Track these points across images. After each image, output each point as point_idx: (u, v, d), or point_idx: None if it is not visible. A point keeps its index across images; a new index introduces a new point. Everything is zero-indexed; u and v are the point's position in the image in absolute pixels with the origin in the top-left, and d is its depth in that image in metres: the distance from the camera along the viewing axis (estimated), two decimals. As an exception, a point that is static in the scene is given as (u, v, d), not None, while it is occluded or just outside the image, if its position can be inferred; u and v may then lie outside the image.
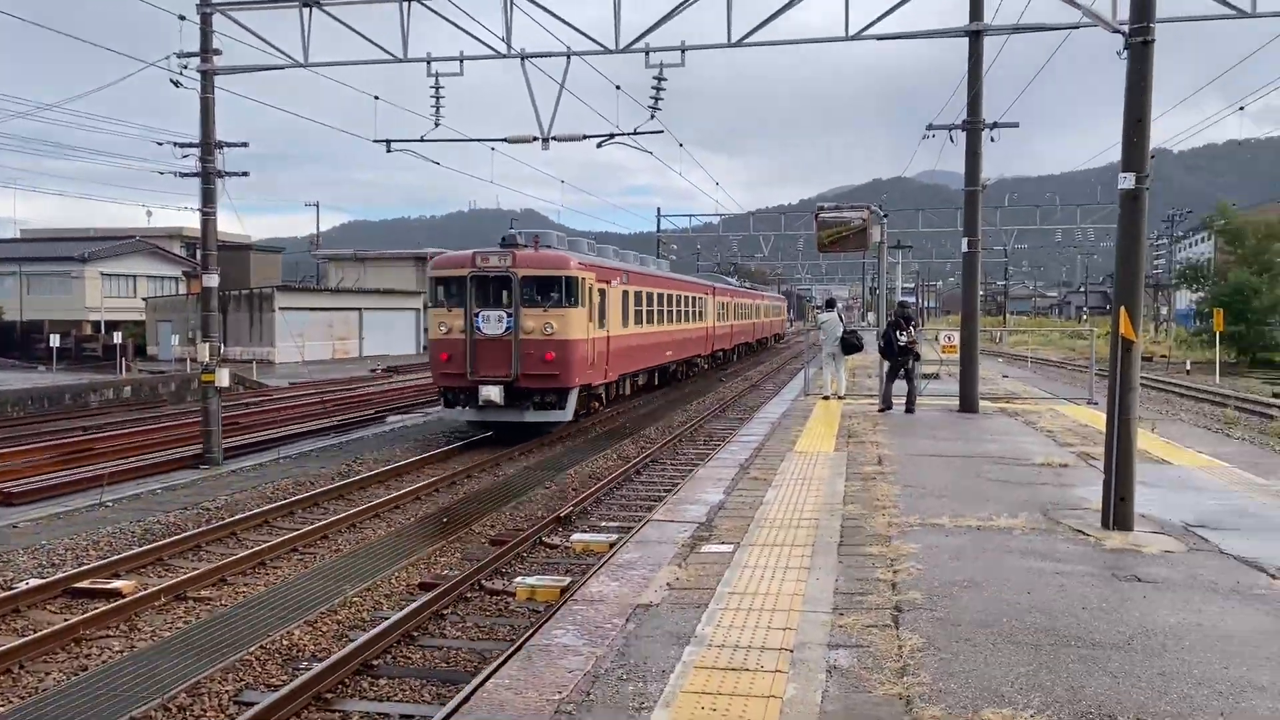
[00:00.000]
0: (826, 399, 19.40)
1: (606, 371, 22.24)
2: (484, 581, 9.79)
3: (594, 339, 20.94)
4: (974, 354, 17.24)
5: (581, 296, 20.17)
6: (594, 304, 21.07)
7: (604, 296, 22.01)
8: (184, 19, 16.45)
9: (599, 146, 19.17)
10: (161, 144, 18.34)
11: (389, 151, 19.63)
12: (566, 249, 21.96)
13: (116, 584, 9.74)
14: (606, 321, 22.15)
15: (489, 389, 19.02)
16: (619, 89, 18.35)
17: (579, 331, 20.05)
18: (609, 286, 22.56)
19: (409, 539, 11.63)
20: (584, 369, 20.36)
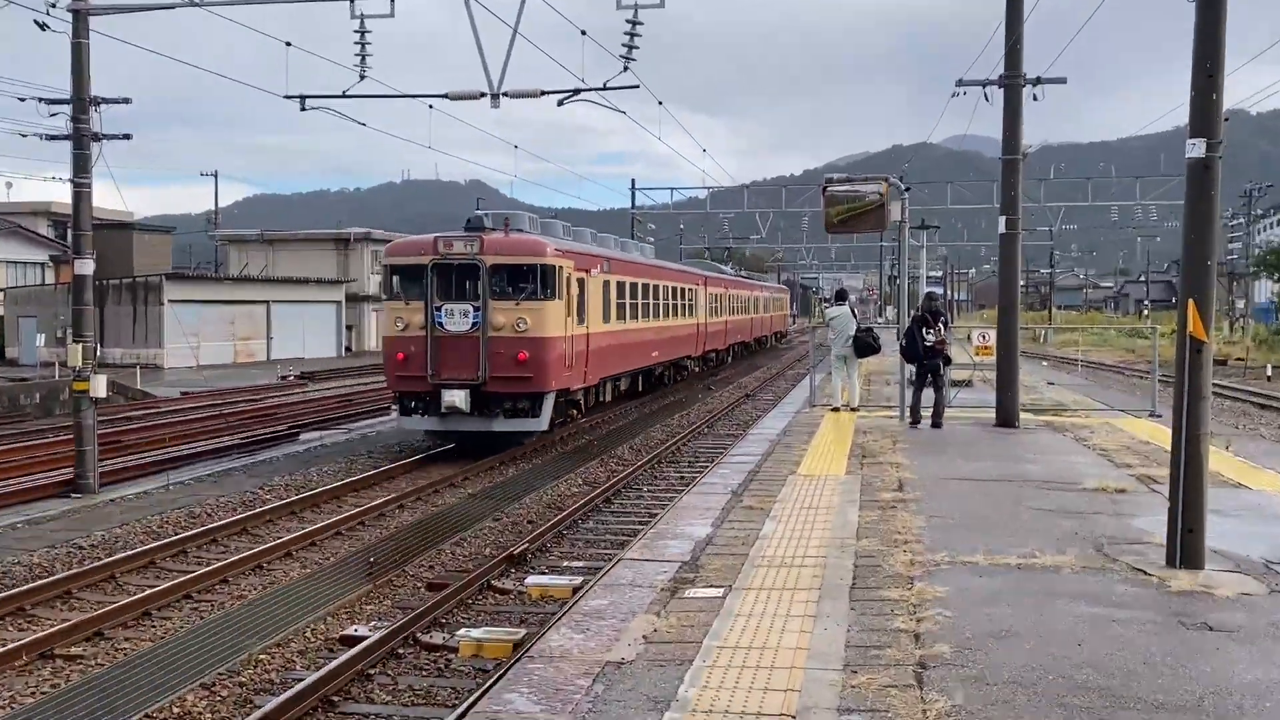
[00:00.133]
0: (836, 411, 19.50)
1: (586, 374, 22.67)
2: (420, 634, 9.76)
3: (572, 336, 21.40)
4: (1013, 356, 17.38)
5: (559, 288, 20.64)
6: (572, 296, 21.55)
7: (583, 288, 22.46)
8: (51, -54, 16.32)
9: (560, 105, 19.20)
10: (24, 100, 18.20)
11: (304, 110, 19.58)
12: (539, 232, 22.33)
13: (-34, 640, 9.61)
14: (586, 316, 22.58)
15: (453, 394, 19.53)
16: (585, 34, 18.36)
17: (556, 328, 20.52)
18: (588, 276, 23.01)
19: (328, 583, 11.57)
20: (561, 371, 20.82)
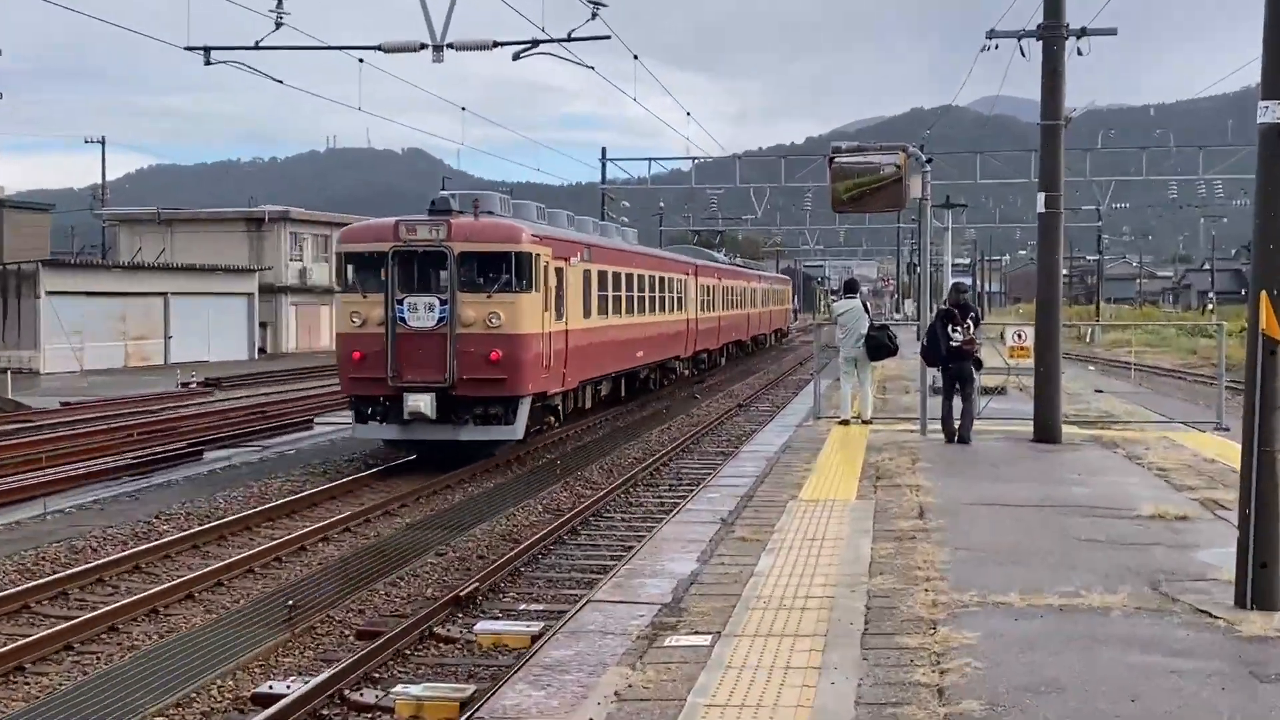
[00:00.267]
0: (845, 424, 19.56)
1: (564, 377, 23.27)
2: (349, 692, 9.71)
3: (550, 334, 21.99)
4: (1054, 359, 17.47)
5: (536, 278, 21.20)
6: (550, 288, 22.12)
7: (561, 278, 23.01)
8: None
9: (516, 59, 19.22)
10: None
11: (208, 64, 19.49)
12: (512, 215, 22.85)
13: None
14: (565, 311, 23.16)
15: (417, 398, 20.04)
16: (546, -25, 18.34)
17: (532, 324, 21.12)
18: (568, 265, 23.58)
19: (238, 630, 11.49)
20: (538, 373, 21.44)
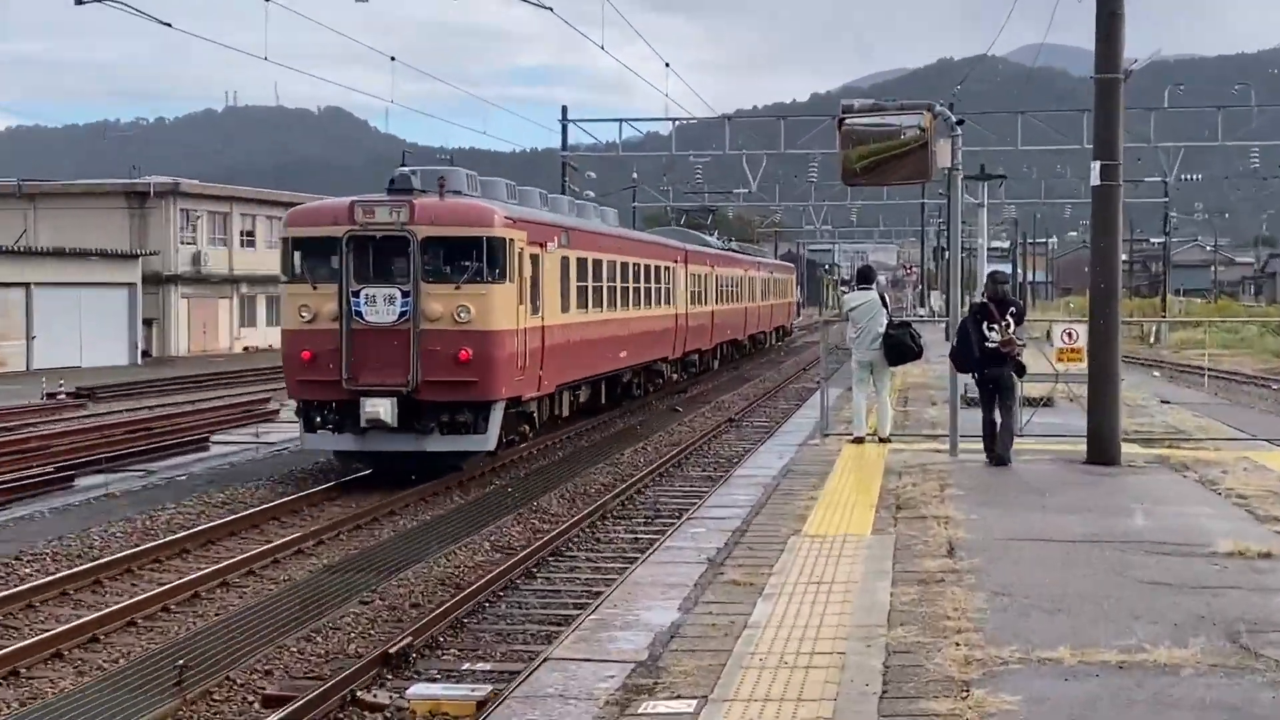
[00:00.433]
0: (859, 442, 19.59)
1: (540, 379, 24.15)
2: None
3: (525, 330, 22.89)
4: (1112, 363, 17.48)
5: (510, 266, 22.14)
6: (526, 278, 22.99)
7: (537, 267, 23.91)
8: None
9: (458, -3, 19.13)
10: None
11: (79, 2, 19.42)
12: (480, 194, 23.72)
13: None
14: (541, 304, 24.04)
15: (375, 404, 20.91)
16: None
17: (506, 319, 22.02)
18: (544, 251, 24.48)
19: (116, 698, 11.43)
20: (512, 375, 22.32)
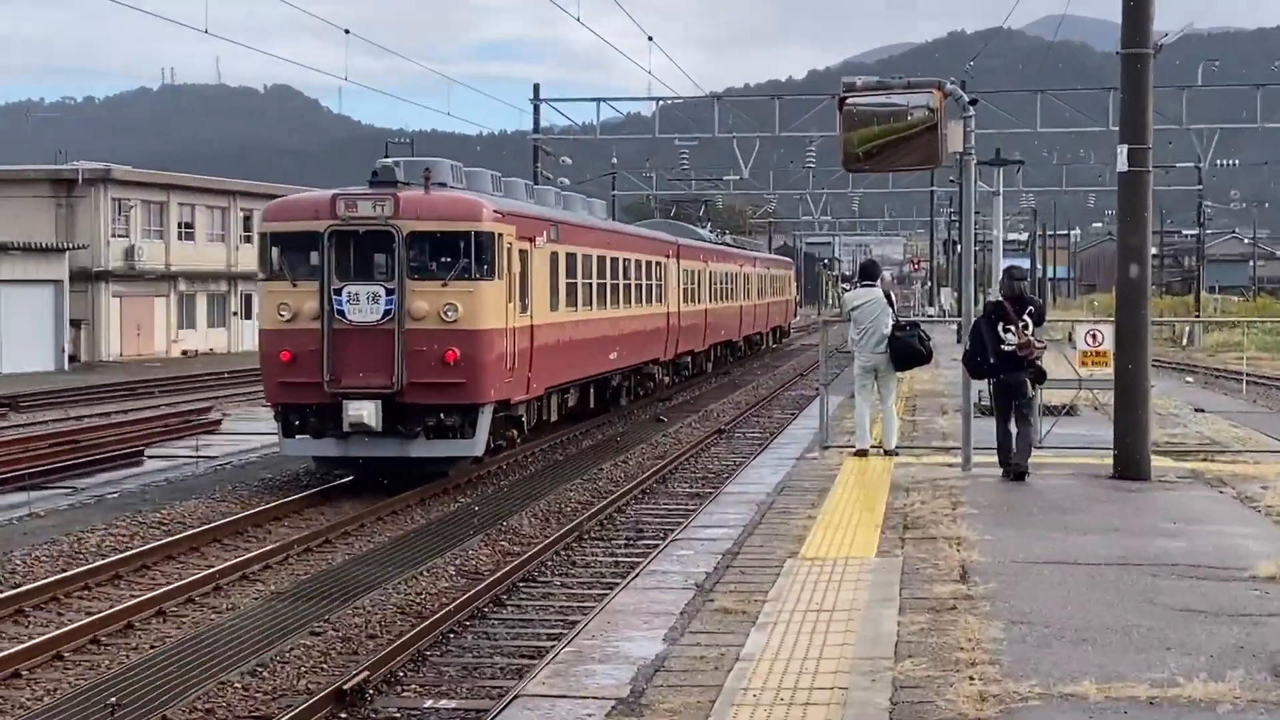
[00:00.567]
0: (862, 455, 19.61)
1: (529, 382, 25.22)
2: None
3: (514, 329, 23.91)
4: (1142, 368, 17.46)
5: (499, 262, 23.20)
6: (514, 275, 24.07)
7: (526, 262, 25.00)
8: None
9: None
10: None
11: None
12: (466, 187, 24.95)
13: None
14: (529, 302, 25.14)
15: (358, 406, 21.81)
16: None
17: (495, 317, 23.05)
18: (533, 246, 25.58)
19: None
20: (501, 376, 23.32)
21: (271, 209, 24.58)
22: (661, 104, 59.94)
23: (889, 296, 20.25)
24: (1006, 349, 17.27)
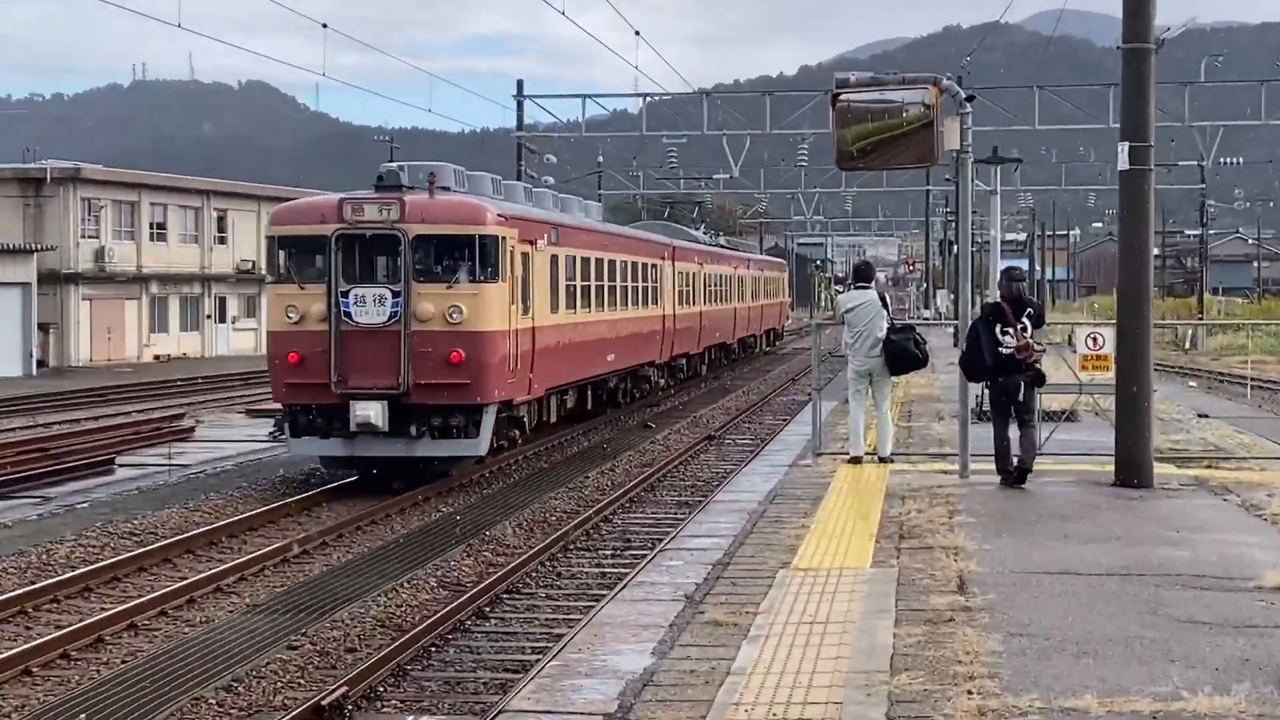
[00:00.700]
0: (856, 463, 19.85)
1: (531, 383, 26.64)
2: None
3: (517, 331, 25.31)
4: (1144, 372, 17.68)
5: (503, 265, 24.86)
6: (517, 277, 25.54)
7: (528, 265, 26.47)
8: None
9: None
10: None
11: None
12: (468, 190, 26.40)
13: None
14: (531, 304, 26.58)
15: (365, 407, 23.23)
16: None
17: (499, 319, 24.71)
18: (534, 249, 27.07)
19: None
20: (505, 377, 25.01)
21: (279, 213, 26.13)
22: (649, 100, 60.27)
23: (884, 299, 20.50)
24: (1005, 352, 17.46)
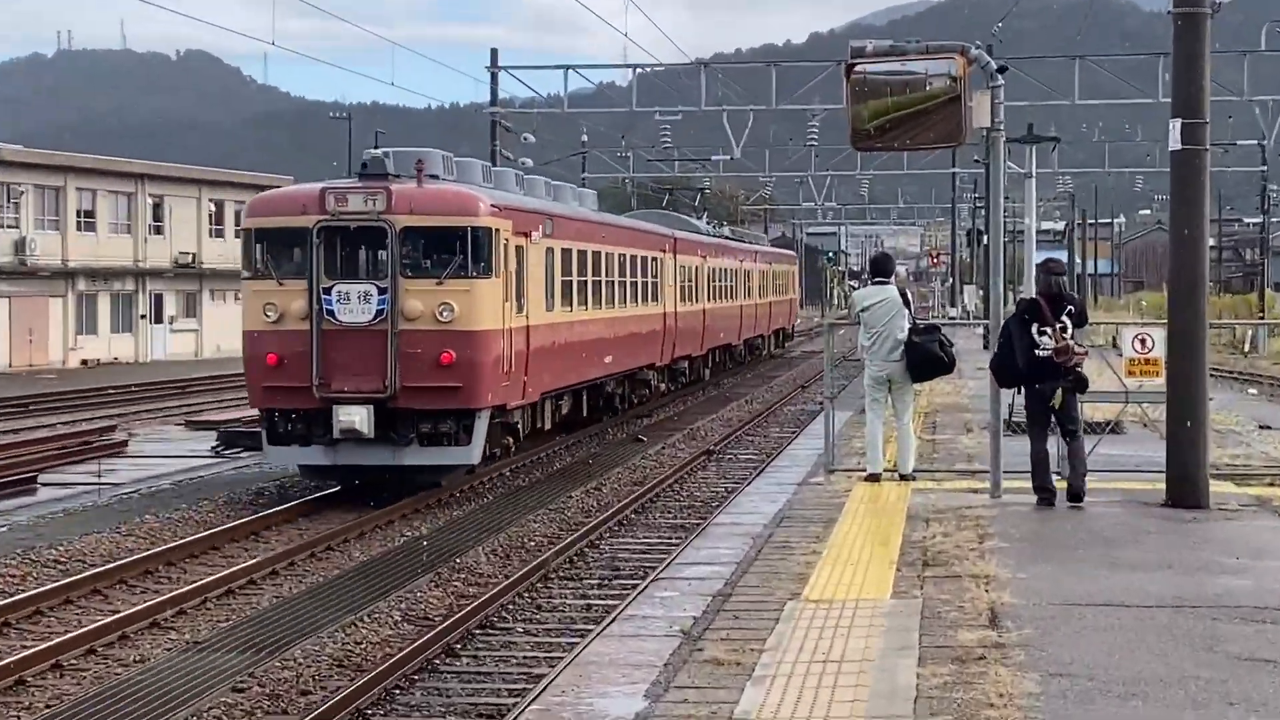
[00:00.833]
0: (874, 480, 19.67)
1: (525, 386, 27.00)
2: None
3: (511, 330, 25.70)
4: (1198, 378, 17.53)
5: (496, 259, 25.16)
6: (511, 272, 25.91)
7: (522, 259, 26.90)
8: None
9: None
10: None
11: None
12: (457, 178, 26.92)
13: None
14: (525, 301, 26.99)
15: (349, 412, 23.53)
16: None
17: (492, 317, 25.03)
18: (528, 242, 27.52)
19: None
20: (498, 380, 25.33)
21: (256, 203, 26.60)
22: (640, 72, 60.22)
23: (905, 295, 20.28)
24: (1041, 354, 17.26)
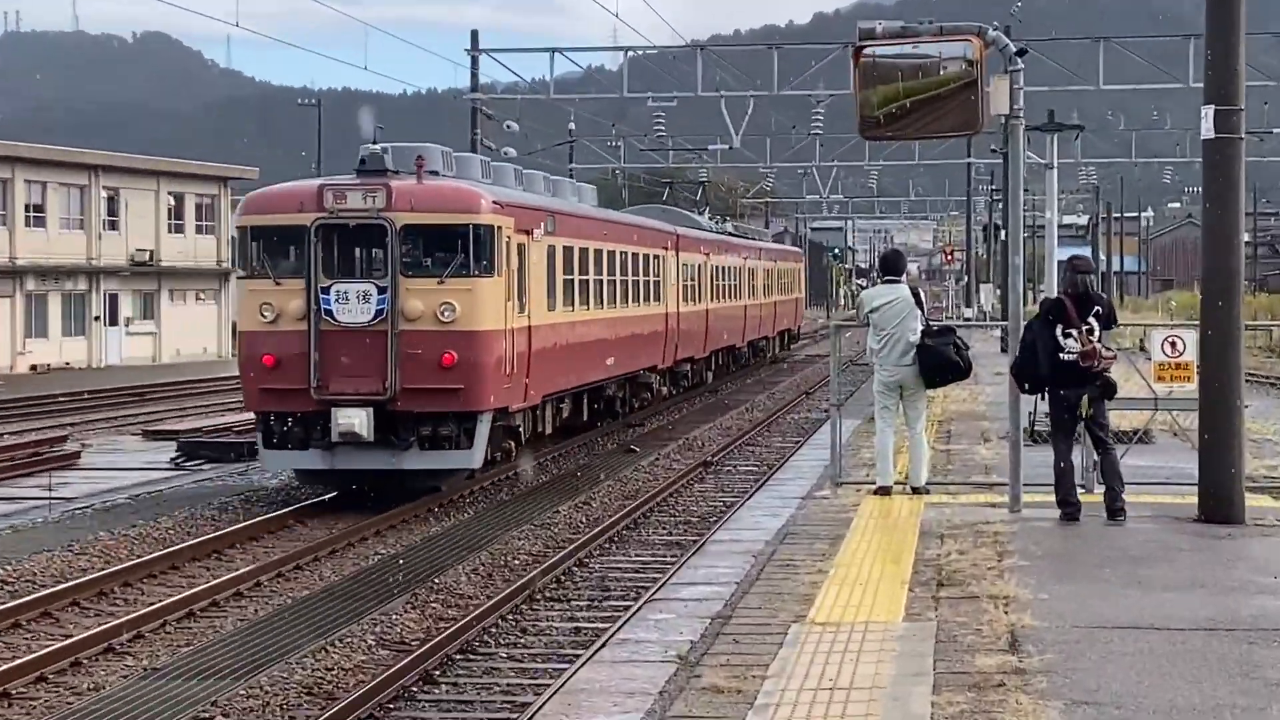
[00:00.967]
0: (885, 493, 19.70)
1: (527, 388, 27.72)
2: None
3: (513, 330, 26.39)
4: (1233, 383, 17.52)
5: (498, 258, 26.05)
6: (513, 271, 26.65)
7: (523, 257, 27.66)
8: None
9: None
10: None
11: None
12: (457, 174, 27.60)
13: None
14: (527, 300, 27.76)
15: (348, 415, 24.31)
16: None
17: (495, 317, 25.90)
18: (530, 240, 28.26)
19: None
20: (500, 381, 26.17)
21: (251, 200, 27.61)
22: (631, 55, 60.08)
23: (917, 295, 20.30)
24: (1066, 358, 17.28)
